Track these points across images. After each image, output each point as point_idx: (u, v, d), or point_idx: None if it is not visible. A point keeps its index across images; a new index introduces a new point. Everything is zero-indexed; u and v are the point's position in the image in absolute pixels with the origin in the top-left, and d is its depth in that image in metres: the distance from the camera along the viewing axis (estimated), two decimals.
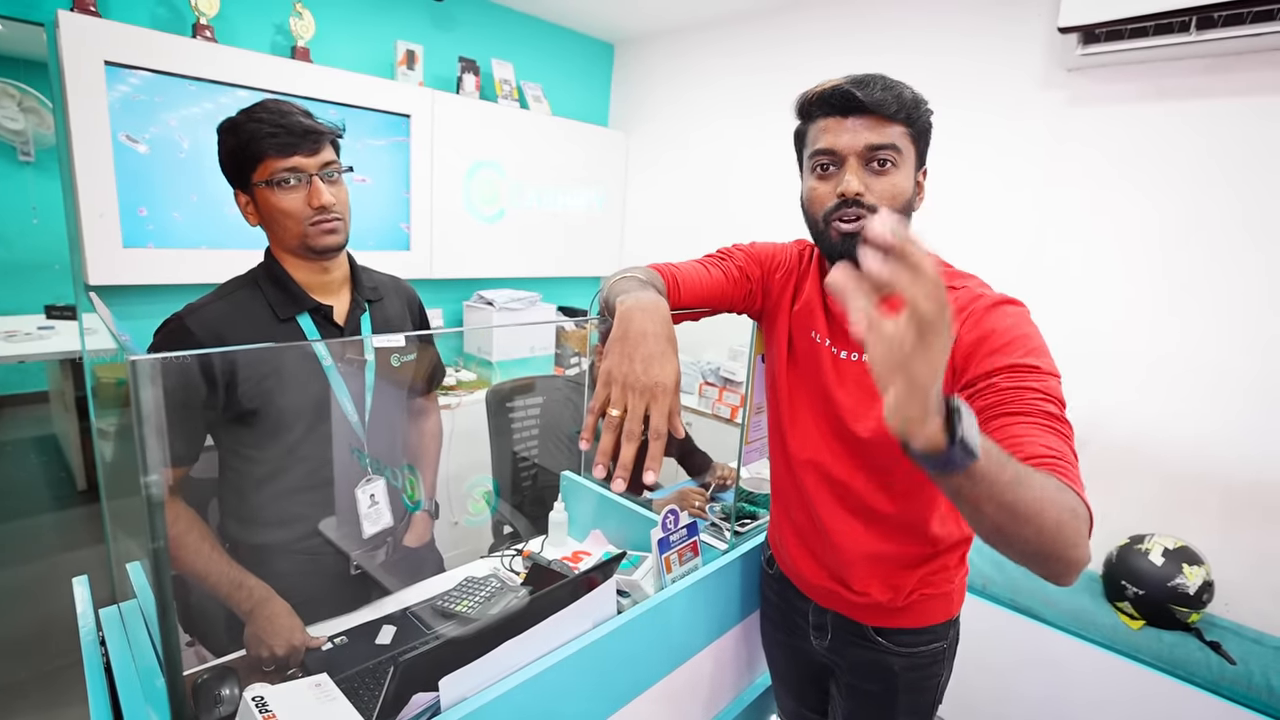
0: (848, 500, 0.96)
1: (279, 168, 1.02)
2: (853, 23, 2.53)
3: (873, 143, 0.83)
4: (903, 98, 0.83)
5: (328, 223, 1.06)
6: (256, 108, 1.04)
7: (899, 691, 1.02)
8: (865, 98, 0.82)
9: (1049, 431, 0.68)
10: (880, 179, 0.84)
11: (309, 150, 1.04)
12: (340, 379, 1.12)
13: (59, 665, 2.03)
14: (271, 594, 1.04)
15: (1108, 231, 1.96)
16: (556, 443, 1.78)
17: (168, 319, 1.03)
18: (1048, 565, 0.61)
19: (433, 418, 1.41)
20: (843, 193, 0.84)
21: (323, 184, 1.05)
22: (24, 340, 3.04)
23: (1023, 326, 0.79)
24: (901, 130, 0.84)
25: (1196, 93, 1.79)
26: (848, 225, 0.85)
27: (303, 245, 1.07)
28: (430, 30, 2.80)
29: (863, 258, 0.46)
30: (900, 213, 0.86)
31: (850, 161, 0.84)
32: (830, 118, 0.85)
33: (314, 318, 1.11)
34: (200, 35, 2.07)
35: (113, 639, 0.92)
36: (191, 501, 1.08)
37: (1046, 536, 0.58)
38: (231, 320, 1.04)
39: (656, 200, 3.41)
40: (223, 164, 1.06)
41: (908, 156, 0.85)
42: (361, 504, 1.16)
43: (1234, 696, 1.53)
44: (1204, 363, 1.81)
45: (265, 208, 1.05)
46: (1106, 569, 1.82)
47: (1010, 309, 0.82)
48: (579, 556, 1.45)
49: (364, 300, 1.18)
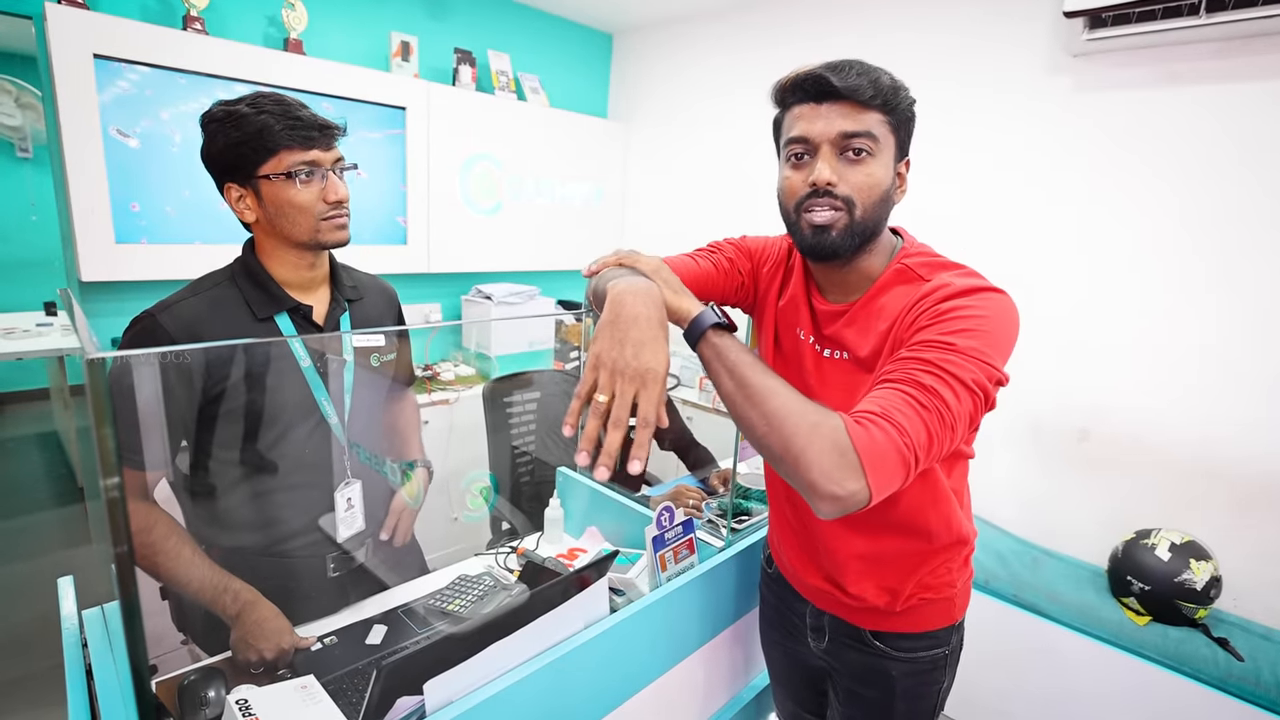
0: None
1: (297, 160, 1.00)
2: (854, 10, 2.49)
3: (847, 130, 0.79)
4: (879, 83, 0.79)
5: (341, 217, 1.06)
6: (257, 98, 1.00)
7: (897, 698, 0.99)
8: (839, 83, 0.78)
9: (896, 394, 0.68)
10: (855, 168, 0.81)
11: (325, 145, 1.03)
12: (319, 379, 1.10)
13: (56, 663, 2.02)
14: (258, 597, 1.02)
15: (1114, 220, 1.93)
16: (554, 438, 1.76)
17: (139, 315, 0.99)
18: (783, 466, 0.67)
19: (407, 399, 1.39)
20: (814, 182, 0.81)
21: (337, 178, 1.05)
22: (23, 337, 3.04)
23: (972, 310, 0.75)
24: (879, 118, 0.80)
25: (1207, 77, 1.75)
26: (819, 217, 0.81)
27: (313, 240, 1.05)
28: (425, 21, 2.77)
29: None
30: (877, 205, 0.82)
31: (824, 149, 0.81)
32: (805, 104, 0.82)
33: (293, 317, 1.08)
34: (191, 28, 2.04)
35: (95, 641, 0.90)
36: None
37: (774, 428, 0.67)
38: (207, 318, 1.01)
39: (656, 192, 3.37)
40: (214, 157, 1.02)
41: (885, 145, 0.81)
42: (339, 507, 1.14)
43: (1241, 693, 1.51)
44: (1212, 354, 1.78)
45: (274, 201, 1.01)
46: (1112, 564, 1.79)
47: (976, 297, 0.77)
48: (574, 553, 1.43)
49: (344, 300, 1.16)
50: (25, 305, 3.59)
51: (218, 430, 1.03)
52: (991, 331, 0.74)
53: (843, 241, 0.82)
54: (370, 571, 1.22)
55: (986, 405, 0.73)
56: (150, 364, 0.85)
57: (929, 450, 0.67)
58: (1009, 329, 0.77)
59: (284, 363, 1.06)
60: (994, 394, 0.73)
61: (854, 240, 0.82)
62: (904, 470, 0.66)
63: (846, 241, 0.82)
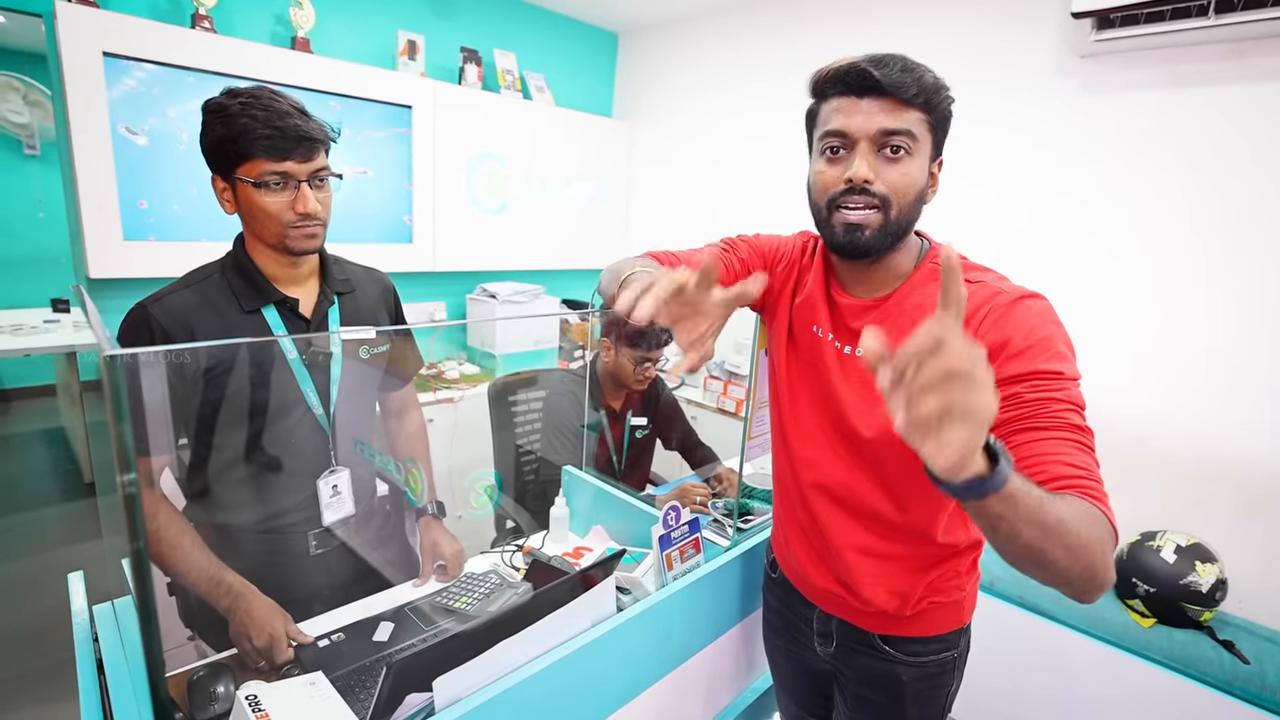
0: (849, 500, 0.93)
1: (268, 170, 1.00)
2: (860, 10, 2.48)
3: (887, 127, 0.78)
4: (923, 81, 0.78)
5: (309, 228, 1.06)
6: (250, 97, 1.01)
7: (906, 702, 0.99)
8: (883, 78, 0.77)
9: (1074, 446, 0.66)
10: (892, 166, 0.79)
11: (302, 157, 1.02)
12: (305, 371, 1.12)
13: (63, 658, 2.03)
14: (249, 588, 1.03)
15: (1120, 222, 1.92)
16: (559, 437, 1.76)
17: (133, 308, 1.02)
18: (1075, 585, 0.60)
19: (414, 415, 1.39)
20: (850, 178, 0.79)
21: (310, 191, 1.04)
22: (30, 334, 3.05)
23: (1046, 326, 0.76)
24: (919, 116, 0.79)
25: (1216, 78, 1.74)
26: (853, 215, 0.80)
27: (280, 245, 1.06)
28: (432, 20, 2.78)
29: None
30: (912, 204, 0.81)
31: (861, 145, 0.79)
32: (844, 97, 0.81)
33: (279, 310, 1.10)
34: (199, 26, 2.05)
35: (106, 635, 0.91)
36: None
37: (1077, 556, 0.58)
38: (196, 309, 1.03)
39: (661, 192, 3.37)
40: (204, 147, 1.04)
41: (923, 144, 0.81)
42: (323, 494, 1.16)
43: (1247, 697, 1.50)
44: (1219, 357, 1.77)
45: (246, 203, 1.03)
46: (1117, 566, 1.79)
47: (1033, 304, 0.78)
48: (580, 552, 1.44)
49: (333, 293, 1.17)
50: (32, 302, 3.61)
51: (209, 419, 1.06)
52: (1066, 344, 0.76)
53: (876, 241, 0.82)
54: (354, 553, 1.24)
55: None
56: (157, 359, 0.87)
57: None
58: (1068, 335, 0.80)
59: (273, 356, 1.09)
60: None
61: (887, 239, 0.82)
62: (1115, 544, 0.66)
63: (880, 241, 0.82)
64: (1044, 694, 1.78)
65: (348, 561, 1.25)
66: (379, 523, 1.33)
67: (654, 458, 2.04)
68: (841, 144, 0.81)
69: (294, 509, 1.16)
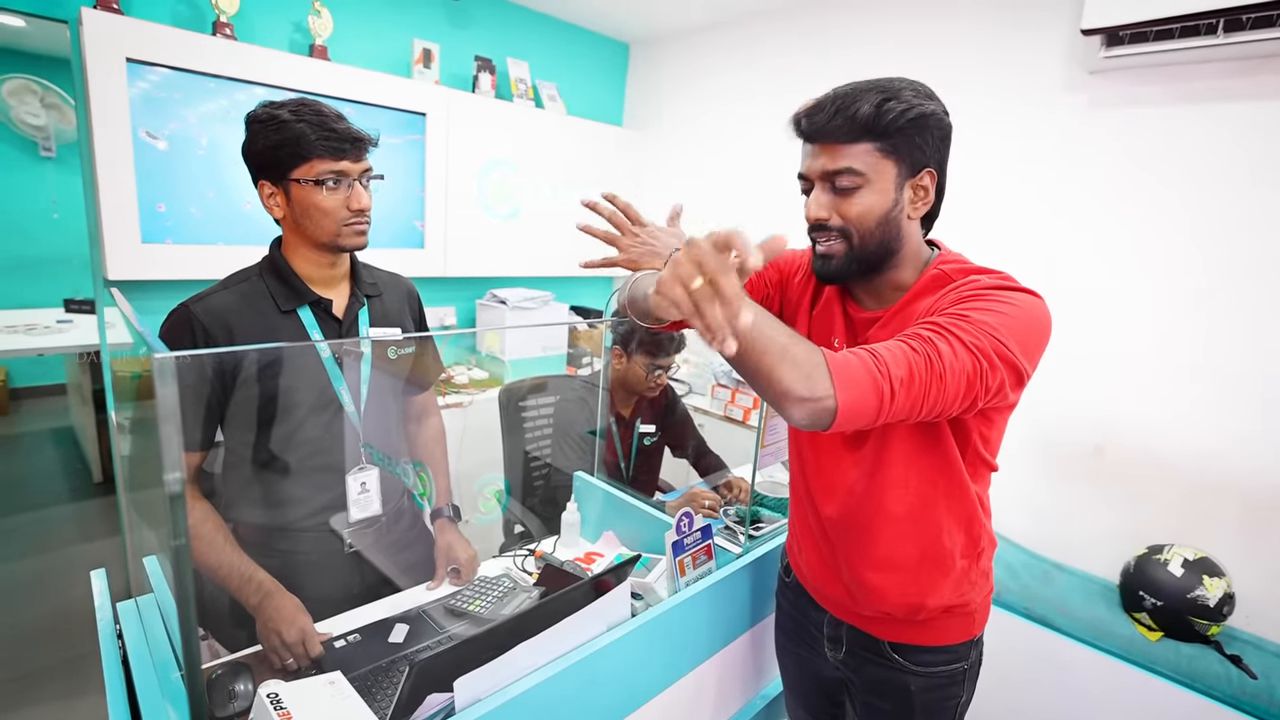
0: (865, 506, 0.94)
1: (326, 169, 1.06)
2: (871, 22, 2.51)
3: (829, 169, 0.83)
4: (857, 117, 0.78)
5: (361, 224, 1.12)
6: (299, 105, 1.06)
7: (915, 712, 0.99)
8: (809, 128, 0.83)
9: (890, 341, 0.72)
10: (846, 200, 0.83)
11: (355, 156, 1.09)
12: (338, 370, 1.16)
13: (75, 654, 2.05)
14: (279, 588, 1.05)
15: (1127, 236, 1.94)
16: (570, 443, 1.77)
17: (176, 307, 1.07)
18: (767, 392, 0.68)
19: (433, 419, 1.42)
20: (807, 218, 0.87)
21: (362, 188, 1.11)
22: (43, 333, 3.08)
23: (998, 298, 0.77)
24: (866, 148, 0.80)
25: (1224, 96, 1.76)
26: (820, 247, 0.87)
27: (333, 242, 1.11)
28: (446, 29, 2.81)
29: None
30: (875, 230, 0.84)
31: (817, 186, 0.85)
32: (802, 142, 0.87)
33: (314, 310, 1.15)
34: (220, 33, 2.08)
35: (130, 633, 0.92)
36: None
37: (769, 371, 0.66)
38: (236, 309, 1.08)
39: (671, 201, 3.38)
40: (252, 154, 1.08)
41: (879, 171, 0.81)
42: (352, 490, 1.19)
43: (1255, 712, 1.50)
44: (1225, 369, 1.78)
45: (301, 204, 1.08)
46: (1124, 579, 1.79)
47: (1007, 292, 0.78)
48: (591, 558, 1.45)
49: (363, 295, 1.22)
50: (46, 302, 3.64)
51: (245, 415, 1.10)
52: (1014, 319, 0.75)
53: (843, 267, 0.87)
54: (381, 554, 1.26)
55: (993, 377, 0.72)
56: (199, 359, 0.90)
57: (908, 387, 0.69)
58: (1035, 325, 0.78)
59: (307, 355, 1.14)
60: (1004, 373, 0.73)
61: (854, 266, 0.86)
62: (876, 395, 0.68)
63: (846, 267, 0.87)
64: (1049, 706, 1.78)
65: (374, 561, 1.27)
66: (407, 523, 1.35)
67: (663, 465, 2.06)
68: (805, 185, 0.88)
69: (327, 508, 1.19)
